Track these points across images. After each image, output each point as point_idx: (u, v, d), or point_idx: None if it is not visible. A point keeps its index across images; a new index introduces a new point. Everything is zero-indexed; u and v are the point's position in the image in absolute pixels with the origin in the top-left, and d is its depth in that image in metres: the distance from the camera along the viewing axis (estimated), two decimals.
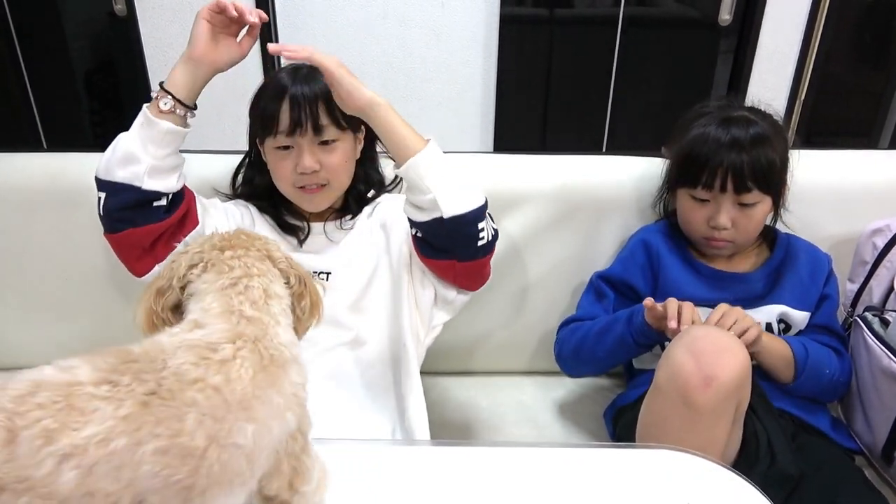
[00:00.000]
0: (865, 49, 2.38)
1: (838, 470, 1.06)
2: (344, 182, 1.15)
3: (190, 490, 0.45)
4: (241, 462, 0.48)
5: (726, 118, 1.13)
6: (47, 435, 0.42)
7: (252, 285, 0.58)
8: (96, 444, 0.42)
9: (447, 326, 1.35)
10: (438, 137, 2.18)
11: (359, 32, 2.01)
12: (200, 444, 0.46)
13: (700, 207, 1.14)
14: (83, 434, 0.42)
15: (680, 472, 0.78)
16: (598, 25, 2.13)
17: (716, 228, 1.12)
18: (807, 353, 1.10)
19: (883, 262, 1.20)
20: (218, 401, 0.48)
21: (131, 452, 0.43)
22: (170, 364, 0.48)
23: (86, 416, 0.43)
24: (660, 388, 0.95)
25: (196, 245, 0.63)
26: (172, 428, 0.45)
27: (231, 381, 0.49)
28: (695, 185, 1.12)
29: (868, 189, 1.33)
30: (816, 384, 1.11)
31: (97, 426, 0.43)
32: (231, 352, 0.51)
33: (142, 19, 1.93)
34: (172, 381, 0.47)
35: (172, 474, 0.44)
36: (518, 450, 0.82)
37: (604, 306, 1.23)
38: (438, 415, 1.31)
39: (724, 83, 2.19)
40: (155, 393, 0.46)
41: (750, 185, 1.09)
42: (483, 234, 1.02)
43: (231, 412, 0.48)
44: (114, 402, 0.44)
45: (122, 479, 0.43)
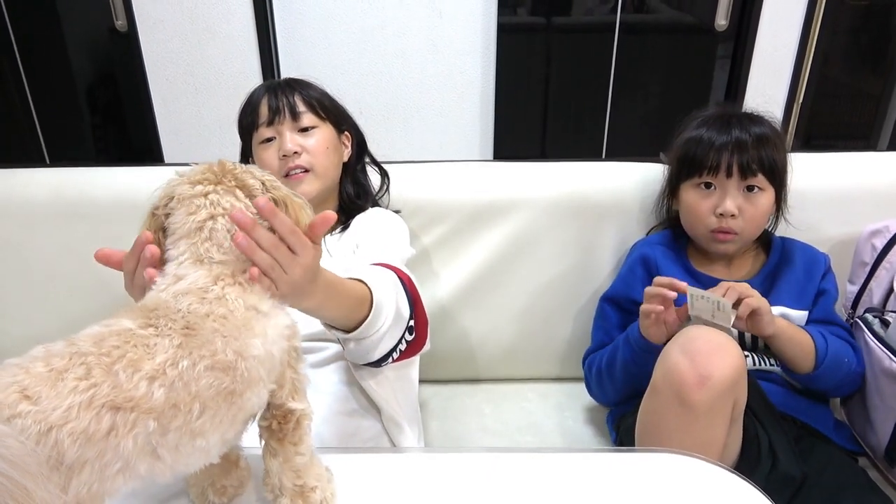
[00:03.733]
0: (863, 52, 2.38)
1: (841, 472, 1.05)
2: (328, 169, 1.16)
3: (232, 394, 0.57)
4: (259, 369, 0.59)
5: (726, 121, 1.14)
6: (134, 364, 0.52)
7: (216, 227, 0.62)
8: (169, 367, 0.53)
9: (447, 335, 1.36)
10: (438, 147, 2.21)
11: (358, 44, 2.03)
12: (232, 359, 0.57)
13: (706, 197, 1.14)
14: (157, 361, 0.53)
15: (681, 475, 0.78)
16: (595, 33, 2.15)
17: (723, 216, 1.12)
18: (826, 342, 1.10)
19: (882, 263, 1.20)
20: (230, 326, 0.58)
21: (192, 370, 0.54)
22: (180, 307, 0.58)
23: (151, 349, 0.54)
24: (656, 389, 0.96)
25: (179, 177, 0.66)
26: (211, 350, 0.56)
27: (231, 311, 0.59)
28: (700, 172, 1.13)
29: (867, 190, 1.34)
30: (836, 374, 1.10)
31: (164, 354, 0.54)
32: (219, 291, 0.60)
33: (142, 34, 1.95)
34: (192, 317, 0.57)
35: (221, 383, 0.56)
36: (518, 456, 0.81)
37: (607, 330, 1.25)
38: (441, 422, 1.31)
39: (722, 88, 2.20)
40: (187, 327, 0.56)
41: (755, 167, 1.10)
42: (395, 352, 0.97)
43: (242, 333, 0.59)
44: (165, 337, 0.55)
45: (191, 392, 0.54)
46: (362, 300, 0.87)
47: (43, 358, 0.51)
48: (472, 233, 1.33)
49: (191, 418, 0.54)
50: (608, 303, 1.26)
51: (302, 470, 0.66)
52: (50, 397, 0.48)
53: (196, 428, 0.55)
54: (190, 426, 0.54)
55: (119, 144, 2.36)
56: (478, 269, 1.34)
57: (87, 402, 0.49)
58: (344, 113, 1.24)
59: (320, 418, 1.05)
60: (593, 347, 1.27)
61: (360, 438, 1.07)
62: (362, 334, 0.88)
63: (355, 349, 0.93)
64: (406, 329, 0.96)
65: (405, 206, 1.30)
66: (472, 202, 1.32)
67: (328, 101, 1.20)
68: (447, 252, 1.34)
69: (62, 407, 0.48)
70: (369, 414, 1.10)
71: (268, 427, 0.66)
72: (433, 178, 1.36)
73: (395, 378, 1.12)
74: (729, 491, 0.75)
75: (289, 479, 0.66)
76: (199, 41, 1.96)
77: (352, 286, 0.85)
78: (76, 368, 0.50)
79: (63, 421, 0.48)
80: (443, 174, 1.37)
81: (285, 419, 0.65)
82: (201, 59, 1.98)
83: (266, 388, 0.61)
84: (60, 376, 0.50)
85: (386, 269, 0.97)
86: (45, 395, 0.48)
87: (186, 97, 2.02)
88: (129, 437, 0.51)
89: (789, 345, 1.09)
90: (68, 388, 0.49)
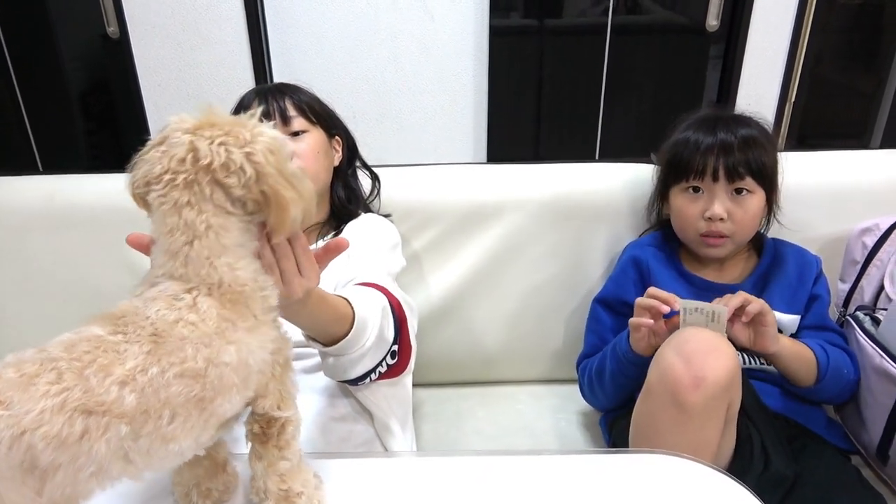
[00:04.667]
0: (855, 50, 2.39)
1: (834, 470, 1.05)
2: (319, 174, 1.16)
3: (202, 401, 0.57)
4: (232, 376, 0.59)
5: (713, 124, 1.14)
6: (105, 369, 0.53)
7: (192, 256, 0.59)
8: (139, 373, 0.54)
9: (439, 338, 1.36)
10: (432, 149, 2.21)
11: (350, 47, 2.03)
12: (202, 366, 0.57)
13: (694, 201, 1.14)
14: (127, 367, 0.53)
15: (674, 476, 0.78)
16: (586, 35, 2.15)
17: (712, 220, 1.12)
18: (828, 356, 1.10)
19: (873, 261, 1.21)
20: (201, 332, 0.58)
21: (161, 378, 0.54)
22: (149, 314, 0.57)
23: (122, 355, 0.54)
24: (651, 390, 0.96)
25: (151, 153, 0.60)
26: (180, 357, 0.56)
27: (203, 319, 0.58)
28: (687, 176, 1.13)
29: (858, 189, 1.34)
30: (836, 386, 1.11)
31: (134, 360, 0.54)
32: (190, 300, 0.59)
33: (134, 41, 1.94)
34: (161, 324, 0.57)
35: (191, 391, 0.56)
36: (511, 458, 0.81)
37: (599, 333, 1.24)
38: (435, 426, 1.31)
39: (715, 88, 2.21)
40: (156, 334, 0.56)
41: (742, 170, 1.10)
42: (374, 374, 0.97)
43: (214, 339, 0.58)
44: (134, 343, 0.55)
45: (161, 398, 0.54)
46: (343, 317, 0.86)
47: (14, 364, 0.51)
48: (463, 235, 1.33)
49: (161, 424, 0.55)
50: (600, 304, 1.26)
51: (287, 474, 0.66)
52: (22, 402, 0.48)
53: (167, 433, 0.55)
54: (161, 432, 0.55)
55: (112, 151, 2.36)
56: (470, 271, 1.34)
57: (60, 405, 0.49)
58: (334, 117, 1.24)
59: (312, 423, 1.05)
60: (586, 351, 1.27)
61: (352, 443, 1.07)
62: (341, 351, 0.88)
63: (333, 364, 0.92)
64: (388, 352, 0.96)
65: (396, 210, 1.30)
66: (464, 205, 1.33)
67: (318, 105, 1.20)
68: (439, 255, 1.34)
69: (35, 411, 0.48)
70: (361, 418, 1.10)
71: (251, 431, 0.66)
72: (424, 181, 1.36)
73: (388, 384, 1.12)
74: (720, 492, 0.75)
75: (274, 483, 0.66)
76: (191, 47, 1.96)
77: (335, 302, 0.85)
78: (47, 373, 0.51)
79: (36, 425, 0.48)
80: (434, 177, 1.38)
81: (269, 424, 0.65)
82: (193, 65, 1.98)
83: (241, 395, 0.61)
84: (32, 381, 0.50)
85: (377, 290, 0.97)
86: (17, 400, 0.48)
87: (179, 103, 2.02)
88: (102, 440, 0.51)
89: (793, 361, 1.09)
90: (40, 392, 0.49)
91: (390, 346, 0.96)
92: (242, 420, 0.67)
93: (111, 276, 1.32)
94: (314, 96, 1.21)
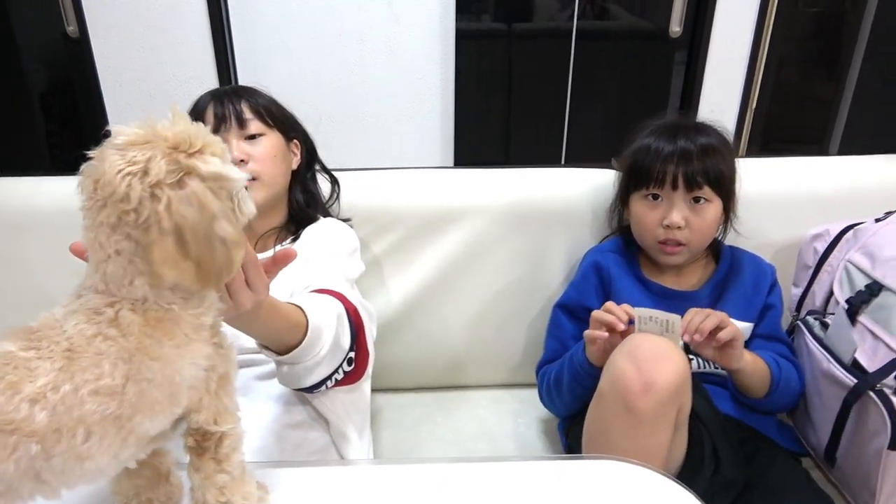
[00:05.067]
0: (815, 58, 2.44)
1: (784, 473, 1.07)
2: (276, 178, 1.15)
3: (120, 419, 0.55)
4: (154, 393, 0.57)
5: (673, 132, 1.15)
6: (14, 387, 0.51)
7: (108, 271, 0.56)
8: (50, 390, 0.52)
9: (400, 342, 1.36)
10: (398, 154, 2.20)
11: (315, 49, 2.02)
12: (120, 382, 0.55)
13: (653, 209, 1.16)
14: (38, 384, 0.52)
15: (623, 482, 0.78)
16: (552, 38, 2.16)
17: (670, 227, 1.14)
18: (780, 369, 1.12)
19: (824, 266, 1.23)
20: (120, 347, 0.56)
21: (74, 395, 0.53)
22: (66, 328, 0.55)
23: (33, 371, 0.52)
24: (602, 395, 0.97)
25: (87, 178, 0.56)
26: (96, 373, 0.54)
27: (124, 333, 0.56)
28: (647, 184, 1.14)
29: (812, 195, 1.36)
30: (785, 397, 1.14)
31: (45, 377, 0.52)
32: (112, 314, 0.57)
33: (94, 40, 1.91)
34: (78, 339, 0.55)
35: (106, 408, 0.54)
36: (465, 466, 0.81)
37: (560, 339, 1.25)
38: (393, 432, 1.31)
39: (679, 94, 2.24)
40: (70, 349, 0.54)
41: (700, 180, 1.11)
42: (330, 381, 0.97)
43: (134, 355, 0.56)
44: (46, 360, 0.53)
45: (74, 417, 0.53)
46: (296, 325, 0.86)
47: None
48: (424, 240, 1.33)
49: (76, 443, 0.53)
50: (562, 310, 1.26)
51: (226, 487, 0.65)
52: None
53: (82, 452, 0.54)
54: (76, 451, 0.53)
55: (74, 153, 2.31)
56: (430, 276, 1.34)
57: None
58: (293, 120, 1.23)
59: (266, 430, 1.04)
60: (546, 357, 1.27)
61: (306, 451, 1.06)
62: (295, 359, 0.88)
63: (288, 373, 0.91)
64: (345, 360, 0.95)
65: (357, 214, 1.29)
66: (424, 209, 1.32)
67: (276, 108, 1.19)
68: (400, 260, 1.34)
69: None
70: (317, 425, 1.09)
71: (187, 443, 0.65)
72: (385, 185, 1.36)
73: (345, 390, 1.11)
74: (668, 498, 0.76)
75: (212, 496, 0.65)
76: (152, 47, 1.93)
77: (288, 311, 0.85)
78: None
79: None
80: (395, 181, 1.37)
81: (204, 438, 0.64)
82: (155, 66, 1.96)
83: (168, 412, 0.60)
84: None
85: (333, 297, 0.97)
86: None
87: (140, 104, 1.99)
88: (11, 460, 0.49)
89: (750, 376, 1.10)
90: None
91: (346, 353, 0.95)
92: (180, 432, 0.65)
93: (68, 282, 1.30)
94: (272, 99, 1.20)
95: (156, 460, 0.68)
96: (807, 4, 2.29)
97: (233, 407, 0.65)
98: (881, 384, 1.00)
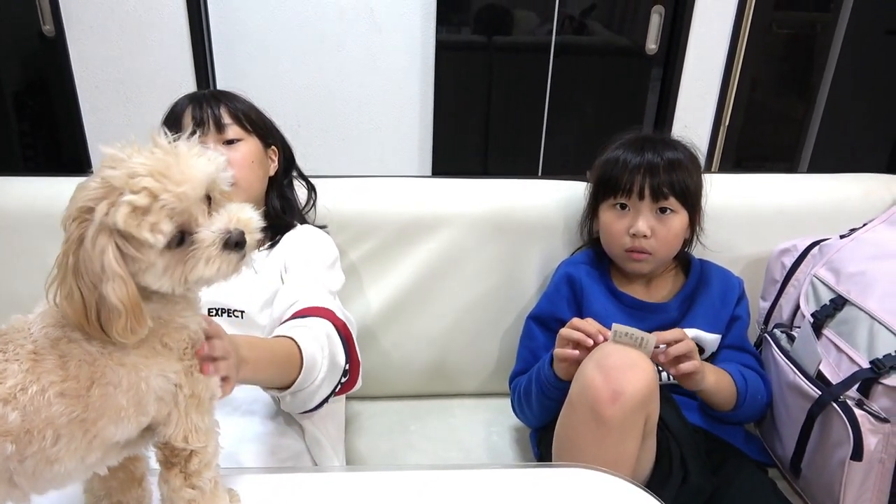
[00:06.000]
0: (787, 78, 2.51)
1: (751, 483, 1.09)
2: (253, 183, 1.15)
3: (85, 422, 0.55)
4: (119, 399, 0.57)
5: (641, 145, 1.17)
6: None
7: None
8: (19, 391, 0.52)
9: (374, 350, 1.36)
10: (377, 162, 2.21)
11: (296, 57, 2.02)
12: (85, 385, 0.55)
13: (621, 218, 1.18)
14: (8, 385, 0.52)
15: (592, 490, 0.79)
16: (531, 53, 2.19)
17: (636, 236, 1.16)
18: (746, 383, 1.14)
19: (791, 280, 1.26)
20: (83, 349, 0.56)
21: (41, 396, 0.53)
22: (33, 330, 0.56)
23: (2, 373, 0.52)
24: (572, 404, 0.98)
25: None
26: (61, 374, 0.54)
27: (89, 338, 0.56)
28: (615, 193, 1.17)
29: (779, 211, 1.39)
30: (752, 409, 1.16)
31: (14, 379, 0.52)
32: None
33: (71, 40, 1.90)
34: (43, 341, 0.55)
35: (72, 411, 0.54)
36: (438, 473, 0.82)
37: (533, 350, 1.26)
38: (367, 440, 1.30)
39: (654, 110, 2.28)
40: (35, 351, 0.54)
41: (665, 190, 1.13)
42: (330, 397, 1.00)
43: (99, 358, 0.56)
44: (13, 362, 0.53)
45: (43, 418, 0.53)
46: (291, 359, 0.88)
47: None
48: (399, 249, 1.33)
49: (45, 445, 0.53)
50: (534, 321, 1.27)
51: (195, 501, 0.65)
52: None
53: (52, 455, 0.53)
54: (45, 453, 0.53)
55: (48, 153, 2.28)
56: (405, 284, 1.34)
57: None
58: (272, 127, 1.23)
59: (238, 437, 1.03)
60: (518, 368, 1.28)
61: (279, 457, 1.05)
62: (298, 388, 0.91)
63: (292, 402, 0.94)
64: (342, 374, 0.98)
65: (333, 221, 1.29)
66: (400, 218, 1.33)
67: (255, 114, 1.19)
68: (375, 268, 1.34)
69: None
70: (290, 431, 1.08)
71: (156, 455, 0.65)
72: (361, 192, 1.36)
73: None
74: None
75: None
76: (129, 50, 1.92)
77: (280, 351, 0.87)
78: None
79: None
80: (371, 189, 1.37)
81: (172, 453, 0.63)
82: (132, 68, 1.94)
83: (134, 419, 0.59)
84: None
85: (320, 318, 0.98)
86: None
87: (116, 106, 1.98)
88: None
89: (715, 394, 1.12)
90: None
91: (342, 368, 0.98)
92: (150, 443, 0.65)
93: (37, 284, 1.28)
94: (251, 104, 1.20)
95: (130, 464, 0.68)
96: (779, 26, 2.35)
97: (206, 426, 0.65)
98: (844, 396, 1.02)
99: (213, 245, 0.58)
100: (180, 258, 0.57)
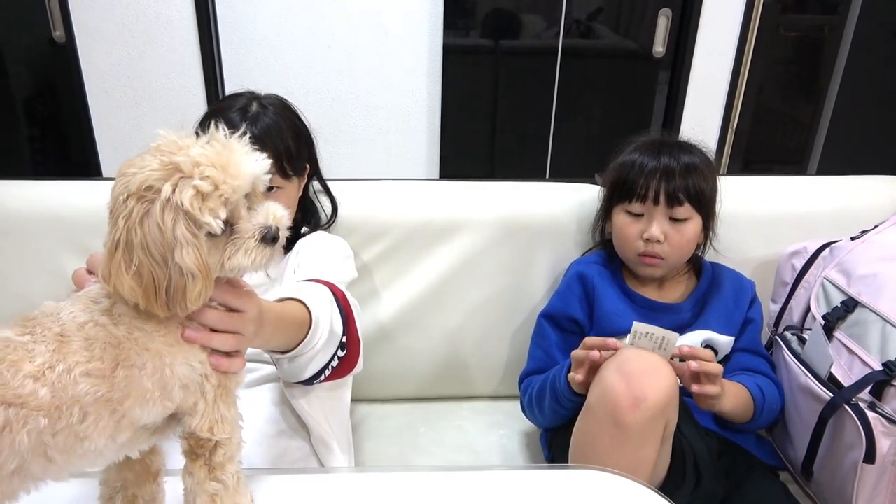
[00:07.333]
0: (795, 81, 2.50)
1: (762, 487, 1.08)
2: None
3: (111, 402, 0.57)
4: (144, 382, 0.59)
5: (658, 149, 1.17)
6: (16, 365, 0.53)
7: None
8: (47, 369, 0.54)
9: (384, 353, 1.36)
10: (384, 165, 2.21)
11: (304, 61, 2.03)
12: (110, 366, 0.57)
13: (634, 222, 1.17)
14: (36, 363, 0.54)
15: (607, 493, 0.79)
16: (538, 56, 2.19)
17: (649, 241, 1.15)
18: (763, 395, 1.13)
19: (801, 282, 1.25)
20: (109, 333, 0.58)
21: (68, 375, 0.55)
22: (62, 315, 0.58)
23: (31, 353, 0.54)
24: (591, 409, 0.97)
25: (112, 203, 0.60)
26: (86, 356, 0.56)
27: (115, 322, 0.58)
28: (630, 198, 1.16)
29: (789, 213, 1.39)
30: (767, 418, 1.15)
31: (42, 358, 0.54)
32: (108, 304, 0.60)
33: (81, 46, 1.91)
34: (70, 325, 0.57)
35: (98, 390, 0.56)
36: (447, 474, 0.82)
37: (545, 349, 1.25)
38: (376, 443, 1.30)
39: (662, 113, 2.27)
40: (62, 334, 0.56)
41: (681, 197, 1.13)
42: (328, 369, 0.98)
43: (124, 342, 0.58)
44: (41, 343, 0.55)
45: (70, 396, 0.54)
46: (302, 322, 0.88)
47: None
48: (410, 251, 1.34)
49: (73, 421, 0.55)
50: (546, 320, 1.27)
51: (218, 496, 0.65)
52: None
53: (81, 431, 0.55)
54: (74, 429, 0.55)
55: (57, 158, 2.30)
56: (416, 287, 1.34)
57: None
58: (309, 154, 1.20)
59: (248, 439, 1.03)
60: (530, 367, 1.27)
61: (287, 459, 1.06)
62: (298, 353, 0.89)
63: (289, 368, 0.93)
64: (339, 346, 0.96)
65: (344, 224, 1.29)
66: (411, 221, 1.33)
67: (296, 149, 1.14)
68: (385, 272, 1.34)
69: None
70: (298, 435, 1.09)
71: (182, 446, 0.65)
72: (372, 196, 1.36)
73: (326, 398, 1.11)
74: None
75: (203, 502, 0.65)
76: (139, 54, 1.93)
77: (292, 312, 0.86)
78: None
79: None
80: (382, 192, 1.38)
81: (198, 444, 0.64)
82: (141, 73, 1.95)
83: (160, 404, 0.61)
84: None
85: (320, 284, 0.97)
86: None
87: (126, 111, 1.99)
88: (23, 432, 0.51)
89: (731, 413, 1.11)
90: None
91: (340, 338, 0.95)
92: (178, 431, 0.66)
93: (46, 287, 1.28)
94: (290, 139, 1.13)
95: (147, 458, 0.69)
96: (787, 29, 2.35)
97: (232, 417, 0.66)
98: (856, 398, 1.01)
99: (253, 237, 0.62)
100: (221, 246, 0.61)
